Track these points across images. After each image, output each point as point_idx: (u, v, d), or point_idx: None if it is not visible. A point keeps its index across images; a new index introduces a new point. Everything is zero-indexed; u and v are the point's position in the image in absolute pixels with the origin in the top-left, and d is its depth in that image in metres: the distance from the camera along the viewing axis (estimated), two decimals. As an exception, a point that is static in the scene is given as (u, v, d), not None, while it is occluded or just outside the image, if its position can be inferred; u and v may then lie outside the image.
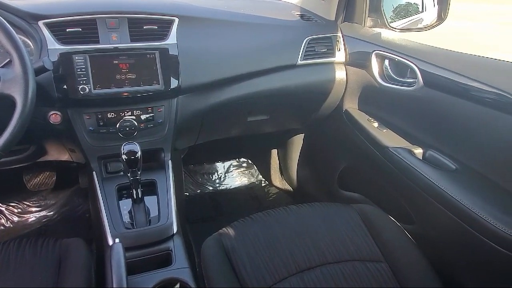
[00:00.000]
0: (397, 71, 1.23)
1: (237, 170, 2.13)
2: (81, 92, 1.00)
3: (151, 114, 1.10)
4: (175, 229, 1.00)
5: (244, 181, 2.09)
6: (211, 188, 2.02)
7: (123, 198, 1.06)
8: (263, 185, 2.07)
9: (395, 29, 1.31)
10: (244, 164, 2.17)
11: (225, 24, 1.24)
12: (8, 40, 0.81)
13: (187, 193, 1.95)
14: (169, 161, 1.15)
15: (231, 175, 2.10)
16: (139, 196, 1.02)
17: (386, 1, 1.31)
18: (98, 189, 1.05)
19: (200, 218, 1.79)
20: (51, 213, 1.74)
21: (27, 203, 1.76)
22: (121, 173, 1.10)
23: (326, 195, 1.64)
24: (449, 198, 0.94)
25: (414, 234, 1.02)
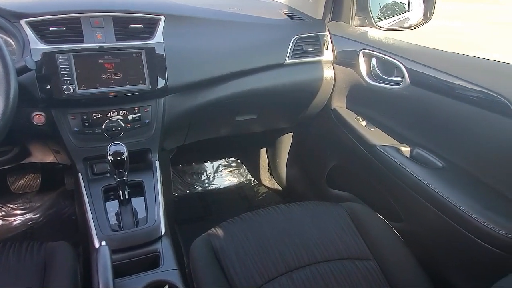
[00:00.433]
0: (384, 69, 1.23)
1: (226, 170, 2.13)
2: (66, 92, 0.98)
3: (137, 114, 1.09)
4: (163, 231, 0.99)
5: (233, 180, 2.08)
6: (200, 188, 2.01)
7: (110, 200, 1.04)
8: (252, 184, 2.06)
9: (382, 28, 1.31)
10: (233, 164, 2.16)
11: (213, 23, 1.23)
12: None
13: (175, 194, 1.93)
14: (157, 162, 1.14)
15: (220, 175, 2.10)
16: (126, 197, 1.00)
17: (373, 0, 1.31)
18: (84, 191, 1.03)
19: (189, 218, 1.78)
20: (36, 216, 1.70)
21: (11, 205, 1.72)
22: (107, 175, 1.08)
23: (315, 193, 1.64)
24: (436, 195, 0.95)
25: (402, 232, 1.03)
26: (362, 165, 1.26)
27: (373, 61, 1.24)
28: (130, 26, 1.06)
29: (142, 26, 1.08)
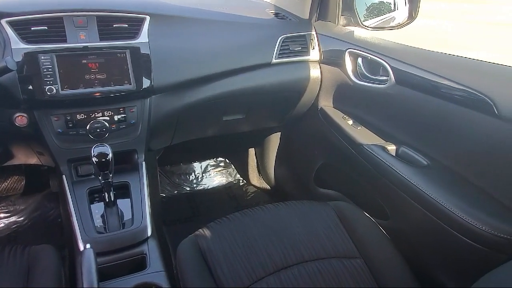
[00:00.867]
0: (370, 69, 1.24)
1: (214, 170, 2.12)
2: (48, 93, 0.96)
3: (123, 115, 1.08)
4: (149, 232, 0.98)
5: (222, 180, 2.07)
6: (188, 188, 2.00)
7: (95, 202, 1.03)
8: (241, 184, 2.06)
9: (368, 27, 1.32)
10: (222, 164, 2.16)
11: (199, 22, 1.22)
12: None
13: (163, 194, 1.92)
14: (143, 163, 1.13)
15: (208, 175, 2.09)
16: (112, 199, 0.99)
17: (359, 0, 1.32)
18: (68, 193, 1.02)
19: (177, 219, 1.76)
20: (21, 219, 1.67)
21: (-5, 209, 1.69)
22: (92, 176, 1.07)
23: (304, 192, 1.65)
24: (420, 193, 0.96)
25: (389, 230, 1.04)
26: (349, 163, 1.26)
27: (359, 60, 1.25)
28: (114, 25, 1.05)
29: (127, 25, 1.06)
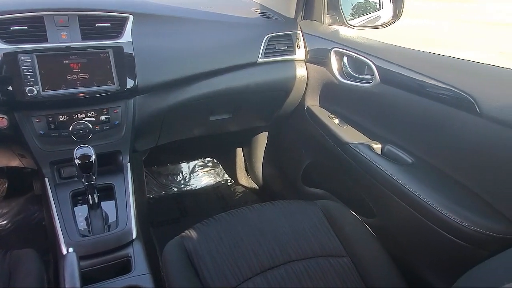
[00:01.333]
0: (355, 68, 1.25)
1: (202, 170, 2.11)
2: (29, 94, 0.94)
3: (106, 116, 1.06)
4: (134, 234, 0.97)
5: (210, 181, 2.06)
6: (176, 189, 1.98)
7: (79, 205, 1.01)
8: (229, 184, 2.05)
9: (353, 26, 1.33)
10: (209, 164, 2.15)
11: (183, 21, 1.21)
12: None
13: (150, 196, 1.90)
14: (128, 164, 1.12)
15: (196, 175, 2.07)
16: (96, 201, 0.98)
17: (344, -1, 1.33)
18: (50, 196, 1.00)
19: (164, 220, 1.75)
20: (3, 223, 1.63)
21: (-24, 213, 1.65)
22: (75, 179, 1.05)
23: (292, 191, 1.65)
24: (406, 191, 0.96)
25: (375, 228, 1.04)
26: (336, 162, 1.27)
27: (345, 59, 1.25)
28: (96, 25, 1.03)
29: (110, 25, 1.05)
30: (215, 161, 2.16)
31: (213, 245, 0.92)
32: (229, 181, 2.07)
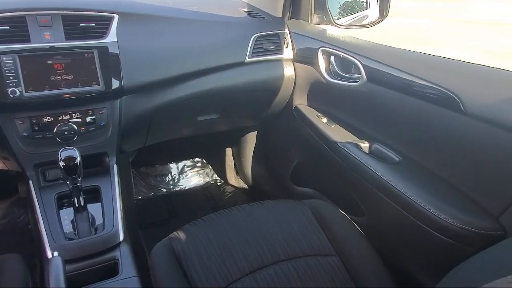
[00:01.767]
0: (343, 67, 1.25)
1: (191, 171, 2.09)
2: (11, 96, 0.92)
3: (92, 117, 1.05)
4: (121, 237, 0.96)
5: (199, 181, 2.05)
6: (165, 190, 1.96)
7: (64, 207, 1.00)
8: (218, 184, 2.04)
9: (340, 26, 1.33)
10: (199, 164, 2.13)
11: (169, 21, 1.20)
12: None
13: (139, 197, 1.88)
14: (114, 165, 1.10)
15: (185, 176, 2.06)
16: (81, 204, 0.96)
17: (330, -2, 1.33)
18: (35, 199, 0.98)
19: (153, 222, 1.73)
20: (-12, 227, 1.61)
21: (-41, 217, 1.61)
22: (60, 181, 1.03)
23: (281, 191, 1.65)
24: (393, 189, 0.97)
25: (363, 226, 1.05)
26: (324, 161, 1.27)
27: (332, 58, 1.26)
28: (80, 24, 1.01)
29: (94, 24, 1.03)
30: (204, 161, 2.15)
31: (201, 246, 0.92)
32: (218, 181, 2.06)
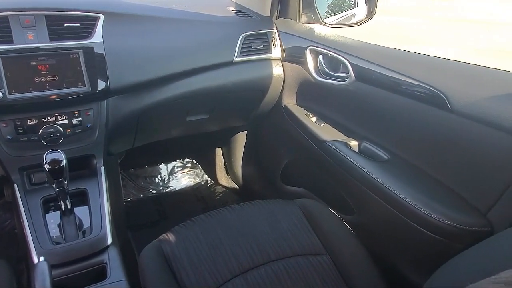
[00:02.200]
0: (331, 66, 1.25)
1: (181, 171, 2.08)
2: None
3: (78, 119, 1.03)
4: (109, 240, 0.94)
5: (190, 182, 2.04)
6: (155, 191, 1.95)
7: (50, 211, 0.98)
8: (209, 184, 2.03)
9: (328, 24, 1.33)
10: (189, 165, 2.12)
11: (156, 20, 1.18)
12: None
13: (128, 199, 1.86)
14: (102, 168, 1.09)
15: (175, 177, 2.04)
16: (68, 207, 0.94)
17: (318, -3, 1.33)
18: (20, 203, 0.96)
19: (143, 224, 1.72)
20: (-27, 232, 1.57)
21: None
22: (46, 184, 1.01)
23: (271, 191, 1.65)
24: (382, 187, 0.97)
25: (354, 224, 1.05)
26: (314, 160, 1.27)
27: (320, 57, 1.26)
28: (65, 25, 1.00)
29: (79, 25, 1.01)
30: (194, 162, 2.14)
31: (191, 248, 0.91)
32: (209, 182, 2.05)
